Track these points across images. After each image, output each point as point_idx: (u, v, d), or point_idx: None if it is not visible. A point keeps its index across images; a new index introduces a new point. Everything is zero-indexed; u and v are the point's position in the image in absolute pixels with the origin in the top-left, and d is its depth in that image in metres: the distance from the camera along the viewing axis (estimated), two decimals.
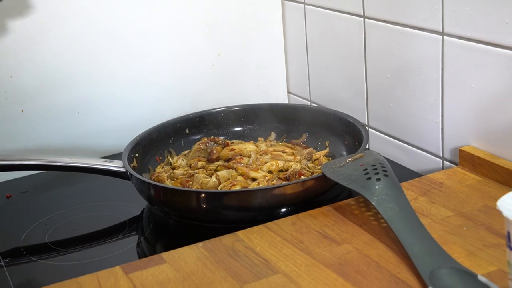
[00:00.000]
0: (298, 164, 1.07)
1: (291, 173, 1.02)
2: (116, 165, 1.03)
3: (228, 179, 1.02)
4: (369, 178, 0.86)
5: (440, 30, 0.99)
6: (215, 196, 0.93)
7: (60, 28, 1.18)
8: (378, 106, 1.16)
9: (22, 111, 1.19)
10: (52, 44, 1.18)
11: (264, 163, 1.08)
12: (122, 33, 1.24)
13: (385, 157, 0.95)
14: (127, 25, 1.24)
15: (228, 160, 1.11)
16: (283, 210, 0.93)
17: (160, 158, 1.14)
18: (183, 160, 1.13)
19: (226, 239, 0.84)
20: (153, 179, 1.06)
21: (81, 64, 1.21)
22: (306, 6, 1.29)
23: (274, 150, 1.12)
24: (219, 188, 1.00)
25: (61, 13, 1.18)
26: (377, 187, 0.84)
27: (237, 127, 1.22)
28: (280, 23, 1.37)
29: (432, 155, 1.06)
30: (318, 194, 0.95)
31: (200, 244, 0.83)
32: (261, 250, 0.81)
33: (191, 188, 1.02)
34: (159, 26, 1.27)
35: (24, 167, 1.04)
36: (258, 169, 1.05)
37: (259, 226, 0.86)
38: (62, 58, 1.20)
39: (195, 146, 1.15)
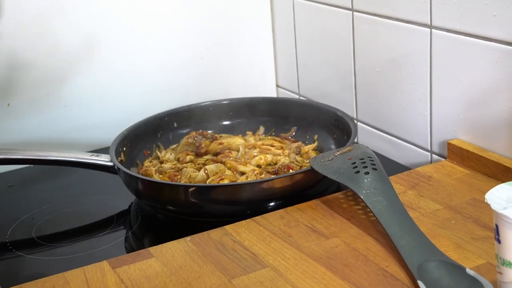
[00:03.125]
0: (287, 158, 1.07)
1: (280, 167, 1.02)
2: (103, 159, 1.02)
3: (217, 173, 1.01)
4: (357, 172, 0.85)
5: (429, 23, 0.98)
6: (203, 190, 0.93)
7: (47, 23, 1.17)
8: (367, 100, 1.16)
9: (8, 105, 1.18)
10: (39, 37, 1.17)
11: (252, 157, 1.07)
12: (110, 27, 1.23)
13: (373, 151, 0.94)
14: (115, 19, 1.23)
15: (216, 154, 1.11)
16: (272, 204, 0.92)
17: (148, 152, 1.14)
18: (171, 154, 1.13)
19: (214, 233, 0.84)
20: (141, 173, 1.05)
21: (68, 58, 1.20)
22: None
23: (262, 144, 1.12)
24: (207, 182, 0.99)
25: (48, 7, 1.17)
26: (365, 180, 0.84)
27: (225, 121, 1.22)
28: (269, 16, 1.37)
29: (421, 148, 1.06)
30: (307, 188, 0.94)
31: (188, 238, 0.83)
32: (250, 244, 0.81)
33: (179, 182, 1.01)
34: (147, 19, 1.26)
35: (10, 161, 1.03)
36: (246, 163, 1.05)
37: (248, 220, 0.86)
38: (49, 51, 1.19)
39: (183, 140, 1.14)
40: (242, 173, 1.02)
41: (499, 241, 0.62)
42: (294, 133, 1.18)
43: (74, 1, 1.19)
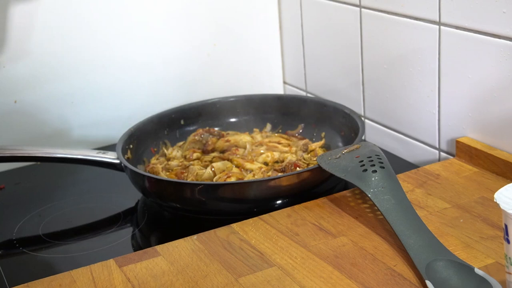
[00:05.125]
0: (294, 155, 1.07)
1: (287, 164, 1.01)
2: (110, 157, 1.02)
3: (224, 171, 1.01)
4: (365, 170, 0.85)
5: (437, 20, 0.98)
6: (210, 188, 0.92)
7: (53, 18, 1.17)
8: (375, 97, 1.15)
9: (15, 102, 1.18)
10: (46, 34, 1.17)
11: (259, 155, 1.07)
12: (117, 24, 1.22)
13: (381, 148, 0.94)
14: (121, 16, 1.23)
15: (223, 151, 1.11)
16: (279, 202, 0.92)
17: (155, 149, 1.13)
18: (178, 151, 1.13)
19: (221, 232, 0.83)
20: (148, 171, 1.05)
21: (75, 55, 1.20)
22: None
23: (269, 141, 1.11)
24: (214, 179, 0.99)
25: (54, 2, 1.17)
26: (373, 179, 0.83)
27: (232, 118, 1.21)
28: (276, 13, 1.36)
29: (429, 146, 1.06)
30: (314, 186, 0.94)
31: (195, 236, 0.83)
32: (256, 242, 0.80)
33: (186, 179, 1.01)
34: (154, 16, 1.25)
35: (17, 158, 1.03)
36: (253, 161, 1.05)
37: (254, 218, 0.86)
38: (56, 48, 1.19)
39: (190, 137, 1.14)
40: (249, 171, 1.01)
41: (508, 241, 0.62)
42: (301, 130, 1.17)
43: None
